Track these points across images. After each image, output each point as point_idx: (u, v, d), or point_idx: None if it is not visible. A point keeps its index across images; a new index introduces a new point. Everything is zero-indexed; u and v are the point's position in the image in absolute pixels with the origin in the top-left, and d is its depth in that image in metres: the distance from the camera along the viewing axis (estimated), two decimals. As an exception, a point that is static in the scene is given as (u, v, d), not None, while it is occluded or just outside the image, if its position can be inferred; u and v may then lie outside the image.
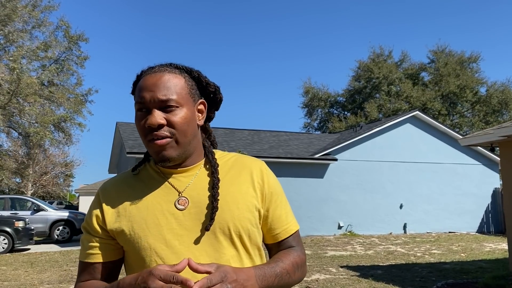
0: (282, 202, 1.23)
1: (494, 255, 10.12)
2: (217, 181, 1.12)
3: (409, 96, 32.49)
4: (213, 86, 1.19)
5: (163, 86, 1.07)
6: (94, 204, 1.17)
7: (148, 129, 1.06)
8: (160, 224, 1.08)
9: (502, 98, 31.97)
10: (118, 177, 1.22)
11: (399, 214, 16.52)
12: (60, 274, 8.37)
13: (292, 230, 1.22)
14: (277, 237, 1.20)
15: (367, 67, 35.03)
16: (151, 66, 1.14)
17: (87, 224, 1.16)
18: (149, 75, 1.10)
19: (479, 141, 8.09)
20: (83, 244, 1.17)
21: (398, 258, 9.85)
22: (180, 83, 1.10)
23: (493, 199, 17.66)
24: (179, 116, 1.07)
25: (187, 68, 1.16)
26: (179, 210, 1.09)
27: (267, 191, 1.19)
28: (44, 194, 37.88)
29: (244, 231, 1.11)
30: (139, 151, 13.32)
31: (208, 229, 1.07)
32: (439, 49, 35.21)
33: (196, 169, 1.17)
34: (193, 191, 1.12)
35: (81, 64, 25.47)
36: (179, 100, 1.08)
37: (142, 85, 1.09)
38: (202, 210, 1.10)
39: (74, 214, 15.62)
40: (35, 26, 23.44)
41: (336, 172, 15.84)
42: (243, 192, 1.15)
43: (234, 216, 1.10)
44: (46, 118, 22.15)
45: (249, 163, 1.22)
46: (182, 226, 1.08)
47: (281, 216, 1.21)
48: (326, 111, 38.24)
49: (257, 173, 1.20)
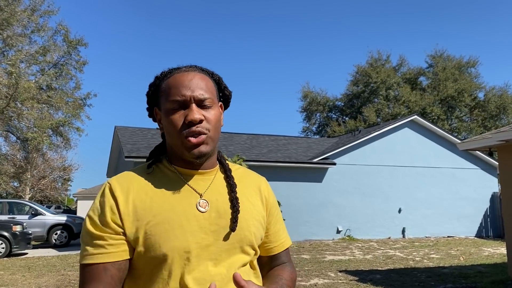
0: (279, 217, 1.27)
1: (492, 260, 10.11)
2: (234, 185, 1.15)
3: (408, 100, 32.57)
4: (228, 90, 1.23)
5: (199, 86, 1.10)
6: (107, 198, 1.06)
7: (187, 124, 1.07)
8: (183, 225, 1.05)
9: (500, 103, 32.07)
10: (131, 173, 1.14)
11: (398, 219, 16.51)
12: (57, 279, 8.33)
13: (286, 245, 1.26)
14: (272, 251, 1.23)
15: (365, 71, 35.12)
16: (174, 68, 1.16)
17: (99, 220, 1.04)
18: (181, 74, 1.12)
19: (477, 146, 8.10)
20: (88, 244, 1.03)
21: (397, 263, 9.83)
22: (210, 84, 1.14)
23: (491, 203, 17.67)
24: (213, 113, 1.11)
25: (209, 70, 1.19)
26: (200, 213, 1.09)
27: (270, 206, 1.23)
28: (42, 198, 37.78)
29: (255, 240, 1.14)
30: (137, 155, 13.30)
31: (234, 229, 1.08)
32: (437, 54, 35.35)
33: (213, 173, 1.18)
34: (212, 195, 1.13)
35: (80, 69, 25.50)
36: (212, 98, 1.12)
37: (177, 83, 1.10)
38: (221, 214, 1.11)
39: (72, 219, 15.57)
40: (34, 30, 23.47)
41: (335, 176, 15.83)
42: (254, 203, 1.19)
43: (249, 225, 1.13)
44: (44, 122, 22.13)
45: (255, 177, 1.26)
46: (202, 229, 1.07)
47: (278, 230, 1.24)
48: (324, 115, 38.30)
49: (264, 188, 1.24)
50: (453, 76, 32.93)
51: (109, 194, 1.07)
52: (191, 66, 1.16)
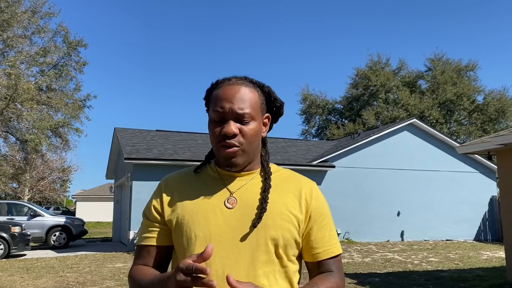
0: (328, 224, 1.27)
1: (491, 263, 10.11)
2: (268, 186, 1.22)
3: (407, 104, 32.60)
4: (279, 101, 1.30)
5: (241, 99, 1.17)
6: (156, 193, 1.29)
7: (222, 136, 1.17)
8: (209, 218, 1.18)
9: (499, 106, 32.08)
10: (180, 172, 1.33)
11: (397, 222, 16.51)
12: (56, 280, 8.32)
13: (334, 253, 1.25)
14: (317, 257, 1.24)
15: (364, 74, 35.17)
16: (227, 78, 1.24)
17: (148, 210, 1.27)
18: (227, 86, 1.19)
19: (476, 149, 8.12)
20: (141, 230, 1.28)
21: (395, 266, 9.84)
22: (254, 97, 1.20)
23: (490, 207, 17.68)
24: (250, 128, 1.18)
25: (259, 83, 1.26)
26: (227, 208, 1.18)
27: (313, 210, 1.24)
28: (41, 200, 37.71)
29: (282, 241, 1.17)
30: (137, 157, 13.31)
31: (255, 226, 1.15)
32: (436, 57, 35.41)
33: (252, 175, 1.26)
34: (244, 193, 1.22)
35: (80, 70, 25.52)
36: (252, 113, 1.18)
37: (221, 95, 1.18)
38: (248, 212, 1.18)
39: (71, 220, 15.56)
40: (34, 31, 23.49)
41: (334, 179, 15.84)
42: (289, 205, 1.22)
43: (276, 224, 1.17)
44: (43, 123, 22.13)
45: (301, 181, 1.30)
46: (227, 223, 1.17)
47: (324, 237, 1.25)
48: (324, 118, 38.33)
49: (306, 191, 1.26)
50: (452, 80, 32.97)
51: (158, 192, 1.28)
52: (241, 78, 1.23)
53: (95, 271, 9.31)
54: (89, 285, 7.75)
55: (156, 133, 17.18)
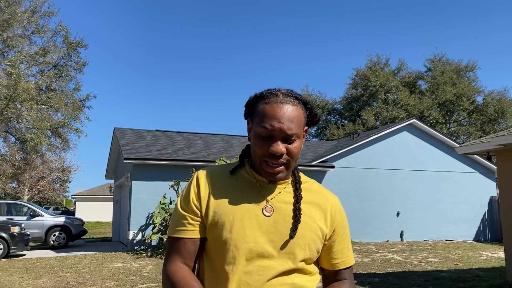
0: (347, 237, 1.37)
1: (490, 264, 10.12)
2: (300, 197, 1.27)
3: (406, 104, 32.62)
4: (318, 116, 1.34)
5: (289, 119, 1.19)
6: (193, 185, 1.28)
7: (271, 154, 1.19)
8: (244, 221, 1.21)
9: (498, 107, 32.11)
10: (215, 169, 1.34)
11: (396, 222, 16.52)
12: (55, 280, 8.32)
13: (349, 263, 1.35)
14: (335, 266, 1.33)
15: (364, 75, 35.19)
16: (273, 92, 1.24)
17: (184, 202, 1.27)
18: (276, 105, 1.21)
19: (476, 150, 8.13)
20: (175, 221, 1.27)
21: (395, 266, 9.84)
22: (300, 115, 1.23)
23: (489, 207, 17.69)
24: (295, 146, 1.22)
25: (303, 99, 1.28)
26: (265, 216, 1.23)
27: (337, 224, 1.32)
28: (40, 200, 37.70)
29: (308, 251, 1.24)
30: (137, 157, 13.30)
31: (292, 237, 1.20)
32: (436, 58, 35.43)
33: (285, 184, 1.30)
34: (278, 202, 1.26)
35: (79, 70, 25.51)
36: (298, 132, 1.22)
37: (270, 113, 1.20)
38: (281, 220, 1.23)
39: (70, 220, 15.55)
40: (34, 31, 23.48)
41: (333, 179, 15.85)
42: (316, 217, 1.28)
43: (304, 235, 1.23)
44: (43, 123, 22.12)
45: (327, 195, 1.36)
46: (261, 229, 1.21)
47: (343, 249, 1.34)
48: (323, 118, 38.34)
49: (333, 207, 1.33)
50: (452, 80, 33.00)
51: (195, 184, 1.28)
52: (288, 94, 1.24)
53: (94, 271, 9.31)
54: (89, 285, 7.75)
55: (155, 133, 17.17)
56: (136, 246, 13.21)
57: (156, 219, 12.61)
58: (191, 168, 13.44)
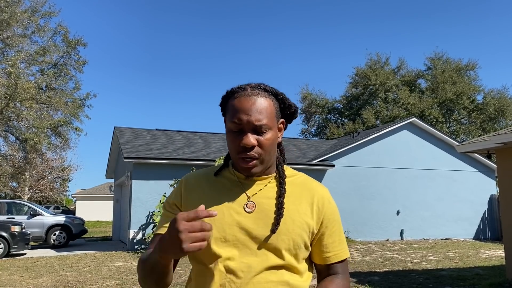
0: (338, 229, 1.32)
1: (490, 262, 10.13)
2: (283, 191, 1.25)
3: (406, 103, 32.62)
4: (293, 107, 1.31)
5: (258, 110, 1.19)
6: (177, 188, 1.33)
7: (242, 148, 1.19)
8: (224, 219, 1.21)
9: (498, 105, 32.11)
10: (201, 172, 1.36)
11: (396, 221, 16.53)
12: (56, 279, 8.33)
13: (342, 257, 1.30)
14: (327, 260, 1.29)
15: (364, 74, 35.17)
16: (242, 86, 1.25)
17: (167, 203, 1.31)
18: (244, 98, 1.21)
19: (475, 148, 8.13)
20: (160, 220, 1.31)
21: (395, 265, 9.85)
22: (270, 106, 1.22)
23: (489, 206, 17.69)
24: (267, 138, 1.20)
25: (274, 90, 1.27)
26: (246, 212, 1.22)
27: (325, 216, 1.28)
28: (40, 199, 37.70)
29: (294, 245, 1.21)
30: (137, 156, 13.31)
31: (274, 231, 1.19)
32: (436, 57, 35.41)
33: (268, 179, 1.29)
34: (261, 198, 1.25)
35: (79, 69, 25.53)
36: (269, 123, 1.20)
37: (238, 107, 1.20)
38: (264, 216, 1.22)
39: (70, 219, 15.56)
40: (34, 31, 23.48)
41: (334, 178, 15.85)
42: (301, 211, 1.25)
43: (289, 230, 1.21)
44: (43, 122, 22.12)
45: (314, 187, 1.33)
46: (242, 226, 1.20)
47: (334, 242, 1.30)
48: (323, 117, 38.35)
49: (319, 198, 1.30)
50: (452, 79, 32.99)
51: (178, 187, 1.32)
52: (257, 87, 1.24)
53: (95, 270, 9.32)
54: (89, 284, 7.76)
55: (156, 132, 17.18)
56: (136, 245, 13.22)
57: (157, 218, 12.62)
58: (191, 167, 13.45)
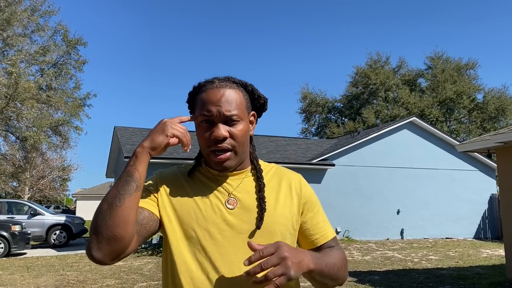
0: (319, 211, 1.32)
1: (491, 261, 10.13)
2: (263, 185, 1.24)
3: (406, 102, 32.59)
4: (263, 98, 1.29)
5: (227, 101, 1.17)
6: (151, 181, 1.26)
7: (213, 140, 1.17)
8: (207, 217, 1.18)
9: (498, 104, 32.06)
10: (174, 170, 1.32)
11: (396, 220, 16.53)
12: (56, 279, 8.34)
13: (329, 236, 1.31)
14: (316, 242, 1.28)
15: (364, 73, 35.12)
16: (209, 80, 1.23)
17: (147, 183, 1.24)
18: (212, 90, 1.19)
19: (476, 147, 8.12)
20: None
21: (395, 264, 9.85)
22: (239, 97, 1.21)
23: (490, 205, 17.69)
24: (239, 129, 1.19)
25: (242, 82, 1.25)
26: (228, 209, 1.20)
27: (304, 200, 1.29)
28: (41, 198, 37.72)
29: (280, 235, 1.20)
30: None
31: (259, 227, 1.17)
32: (436, 56, 35.36)
33: (244, 174, 1.28)
34: (241, 193, 1.23)
35: (79, 68, 25.51)
36: (239, 114, 1.19)
37: (207, 99, 1.18)
38: (246, 211, 1.20)
39: (71, 219, 15.56)
40: (34, 30, 23.48)
41: (334, 177, 15.85)
42: (282, 200, 1.25)
43: (272, 221, 1.20)
44: (43, 121, 22.11)
45: (288, 175, 1.33)
46: (226, 222, 1.18)
47: (318, 223, 1.30)
48: (323, 116, 38.30)
49: (296, 184, 1.30)
50: (452, 78, 32.95)
51: (154, 181, 1.25)
52: (225, 79, 1.22)
53: (95, 270, 9.32)
54: (90, 284, 7.76)
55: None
56: (136, 245, 13.21)
57: (157, 218, 12.59)
58: (191, 166, 13.46)
